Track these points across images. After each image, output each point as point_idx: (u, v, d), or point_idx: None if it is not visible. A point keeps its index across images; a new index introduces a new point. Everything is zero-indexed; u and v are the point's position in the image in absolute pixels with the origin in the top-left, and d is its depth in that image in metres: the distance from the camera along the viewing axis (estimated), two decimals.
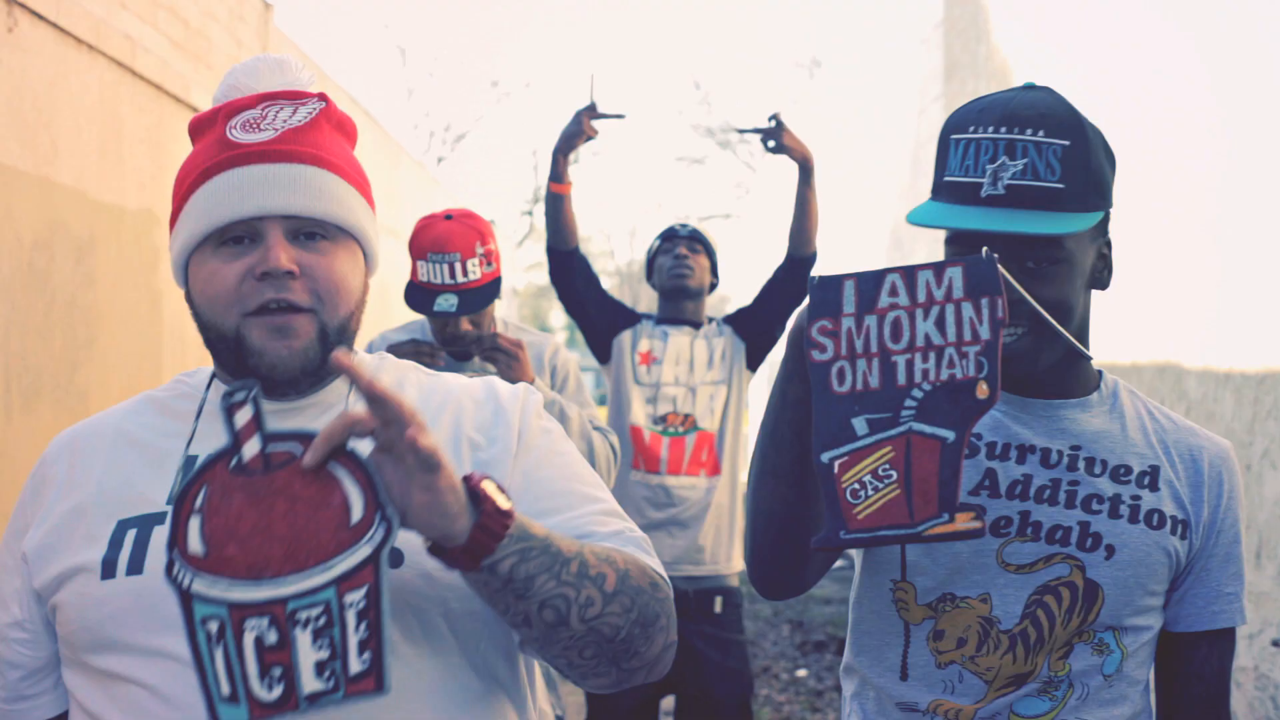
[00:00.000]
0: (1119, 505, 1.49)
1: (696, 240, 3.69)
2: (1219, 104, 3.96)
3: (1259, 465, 3.59)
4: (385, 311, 8.24)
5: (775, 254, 4.05)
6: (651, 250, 3.78)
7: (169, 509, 1.23)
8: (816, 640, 6.71)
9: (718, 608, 3.50)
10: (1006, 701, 1.47)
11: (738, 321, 3.72)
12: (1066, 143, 1.41)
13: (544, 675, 3.13)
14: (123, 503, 1.28)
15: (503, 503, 1.13)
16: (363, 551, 1.07)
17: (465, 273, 2.90)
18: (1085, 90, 5.20)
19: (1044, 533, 1.47)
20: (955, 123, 1.47)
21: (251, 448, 1.11)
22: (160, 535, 1.23)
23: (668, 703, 4.24)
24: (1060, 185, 1.40)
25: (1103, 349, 4.89)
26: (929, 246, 7.40)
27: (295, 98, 1.34)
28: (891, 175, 8.94)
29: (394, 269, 5.03)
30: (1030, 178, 1.39)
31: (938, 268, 1.26)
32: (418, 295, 2.93)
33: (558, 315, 36.74)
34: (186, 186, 1.33)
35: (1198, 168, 4.10)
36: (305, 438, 1.11)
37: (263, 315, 1.26)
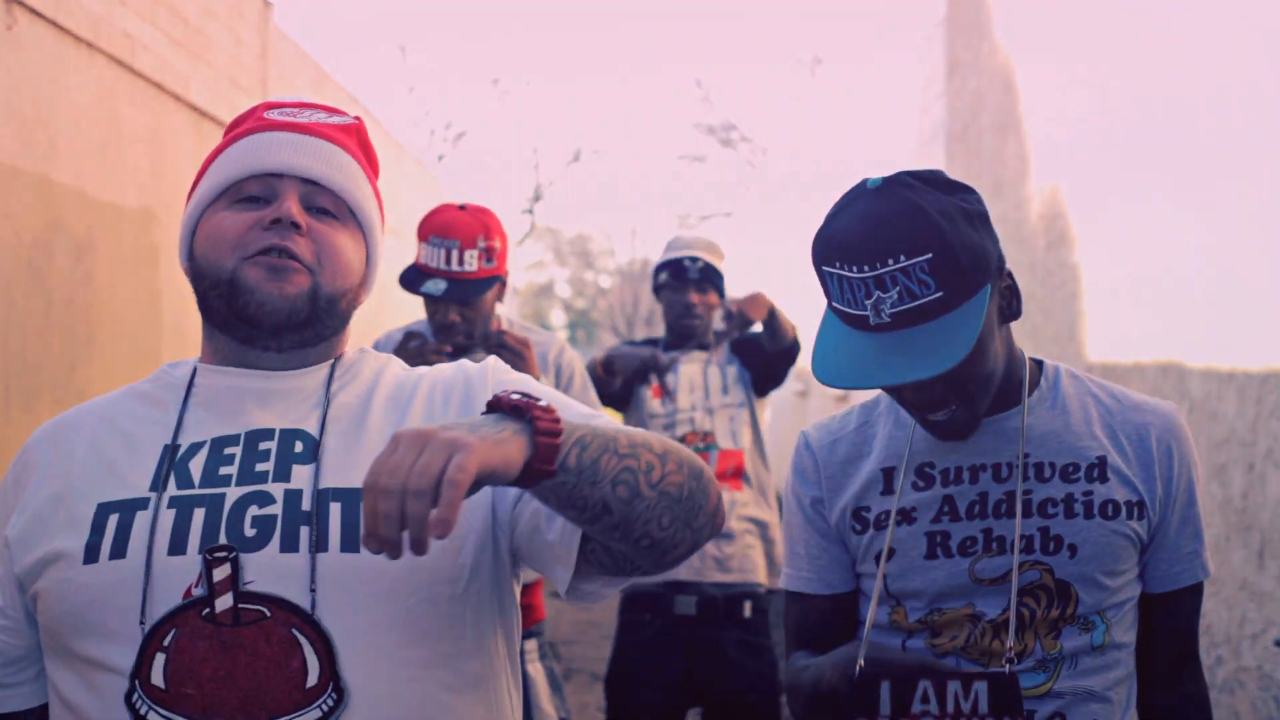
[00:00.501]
0: (1073, 504, 1.56)
1: (706, 280, 3.66)
2: (1219, 101, 3.95)
3: (1262, 465, 3.58)
4: (390, 312, 8.23)
5: (775, 253, 4.02)
6: (658, 280, 3.73)
7: (152, 495, 1.26)
8: None
9: (747, 612, 3.49)
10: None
11: (745, 353, 3.72)
12: (929, 256, 1.43)
13: (548, 677, 3.12)
14: (104, 486, 1.29)
15: (541, 401, 1.13)
16: (312, 715, 1.16)
17: (461, 262, 2.93)
18: (1086, 89, 5.19)
19: (1009, 544, 1.55)
20: (821, 254, 1.50)
21: (225, 602, 1.19)
22: (143, 519, 1.24)
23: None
24: (939, 295, 1.44)
25: (1104, 348, 4.88)
26: None
27: (333, 111, 1.42)
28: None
29: (396, 268, 5.02)
30: (908, 301, 1.43)
31: (965, 680, 1.42)
32: (411, 275, 2.98)
33: (558, 315, 36.76)
34: (212, 155, 1.38)
35: (1199, 166, 4.09)
36: (276, 602, 1.18)
37: (261, 257, 1.30)
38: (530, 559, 1.32)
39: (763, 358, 3.66)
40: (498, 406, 1.12)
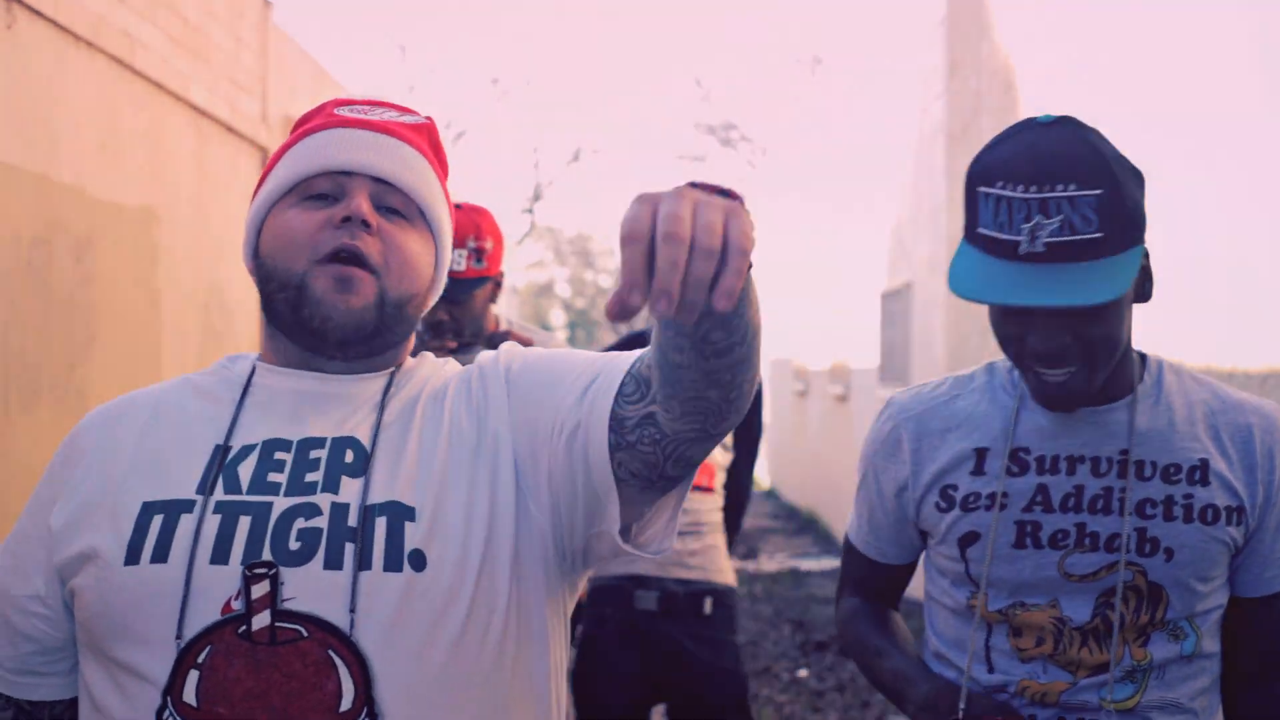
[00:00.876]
0: (1173, 507, 1.50)
1: None
2: (1221, 100, 3.95)
3: None
4: None
5: (775, 252, 4.03)
6: None
7: (198, 499, 1.23)
8: (818, 640, 6.71)
9: (707, 608, 3.49)
10: (1093, 683, 1.51)
11: None
12: (1099, 191, 1.39)
13: None
14: (151, 483, 1.25)
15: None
16: None
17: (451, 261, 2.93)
18: (1086, 88, 5.19)
19: (1102, 542, 1.50)
20: (980, 174, 1.44)
21: (262, 620, 1.16)
22: (188, 523, 1.21)
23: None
24: (1099, 235, 1.38)
25: None
26: (931, 245, 7.39)
27: (405, 111, 1.39)
28: (893, 173, 8.94)
29: None
30: (1067, 233, 1.37)
31: None
32: None
33: (558, 314, 36.77)
34: (281, 151, 1.35)
35: (1199, 166, 4.09)
36: (314, 622, 1.15)
37: (331, 264, 1.25)
38: (577, 515, 1.25)
39: None
40: (702, 188, 1.00)
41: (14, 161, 3.77)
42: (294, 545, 1.19)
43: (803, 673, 6.15)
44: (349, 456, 1.25)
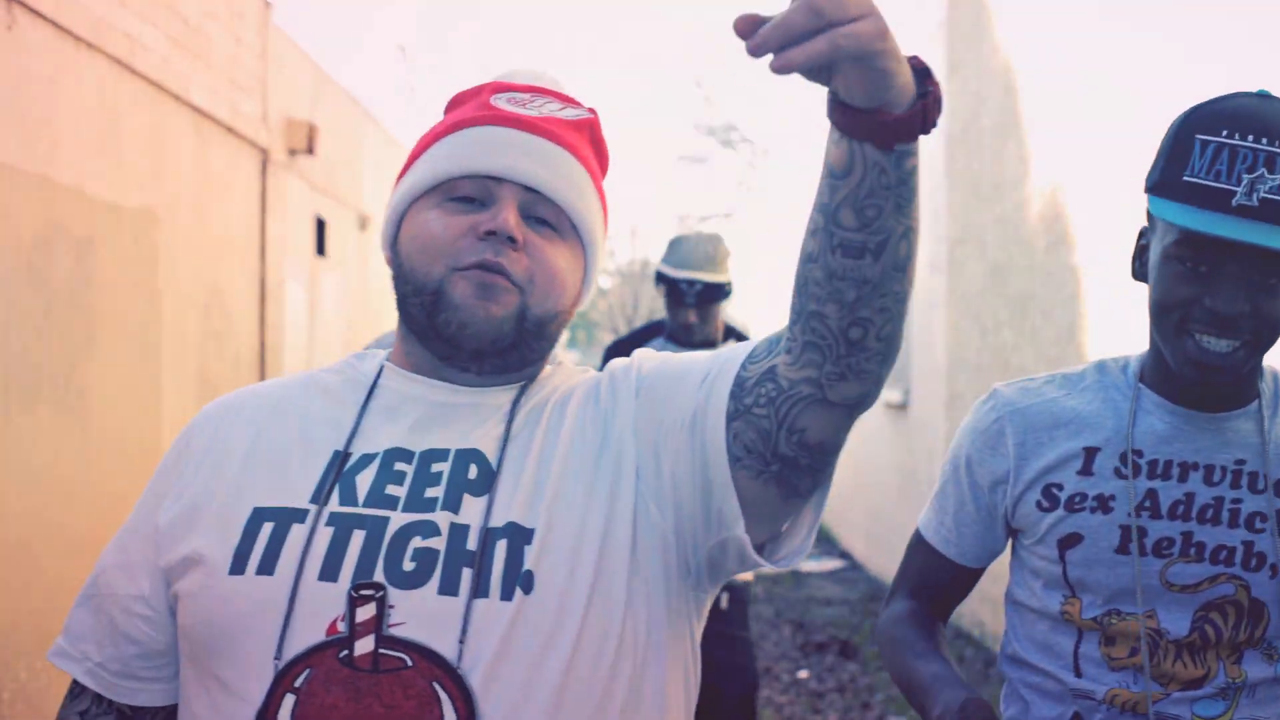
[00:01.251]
0: None
1: (705, 299, 3.68)
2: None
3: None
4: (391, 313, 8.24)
5: (775, 251, 4.03)
6: (657, 286, 3.77)
7: (311, 508, 1.16)
8: (818, 641, 6.70)
9: (724, 604, 3.50)
10: (1185, 698, 1.47)
11: None
12: None
13: None
14: (263, 488, 1.19)
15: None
16: None
17: None
18: (1086, 88, 5.19)
19: (1208, 553, 1.46)
20: (1202, 123, 1.42)
21: (365, 645, 1.09)
22: (298, 534, 1.14)
23: None
24: None
25: (1105, 350, 4.88)
26: (931, 246, 7.39)
27: (567, 100, 1.29)
28: None
29: None
30: None
31: None
32: None
33: None
34: (426, 141, 1.26)
35: None
36: (420, 651, 1.08)
37: (472, 271, 1.17)
38: (698, 516, 1.17)
39: None
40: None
41: (14, 161, 3.77)
42: (408, 566, 1.12)
43: (803, 674, 6.15)
44: (472, 472, 1.18)
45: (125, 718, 1.26)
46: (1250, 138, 1.38)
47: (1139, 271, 1.52)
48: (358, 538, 1.13)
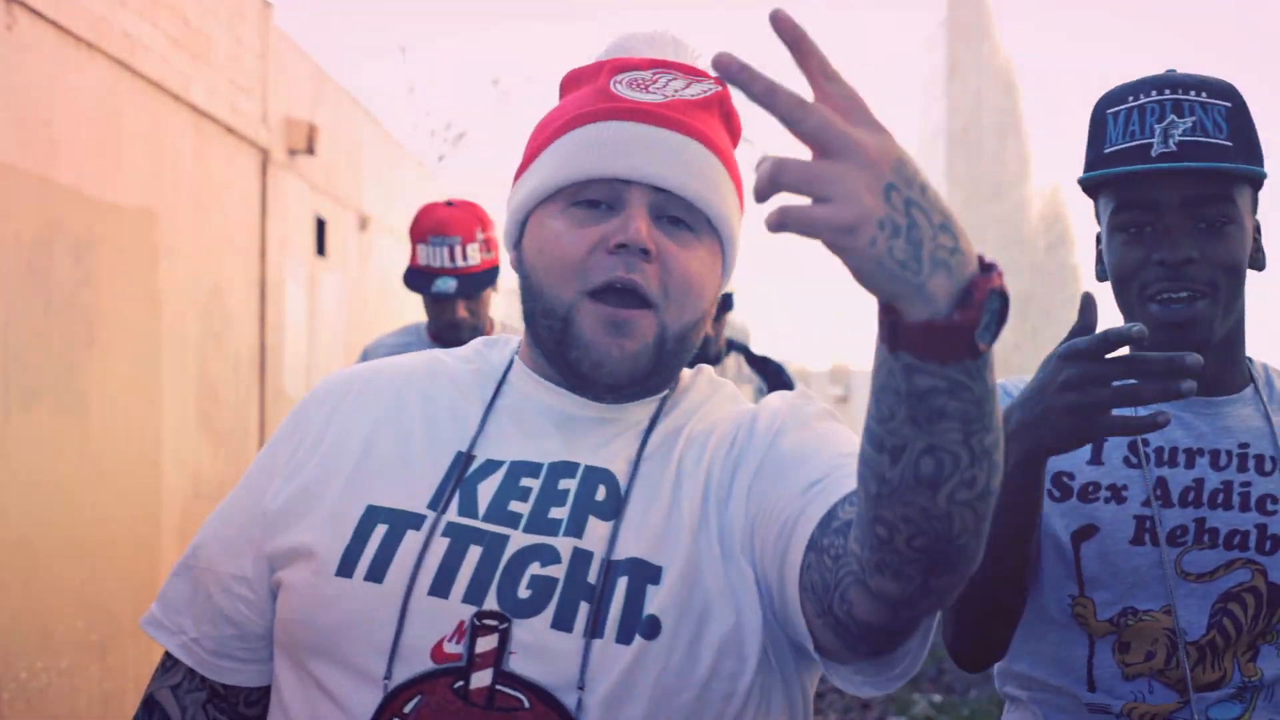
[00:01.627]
0: None
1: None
2: None
3: None
4: (394, 315, 8.24)
5: (774, 251, 4.04)
6: None
7: (428, 515, 1.10)
8: None
9: None
10: (1202, 702, 1.44)
11: (762, 368, 3.76)
12: (1228, 104, 1.44)
13: None
14: (380, 485, 1.12)
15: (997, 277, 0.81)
16: None
17: (465, 257, 2.95)
18: (1087, 88, 5.18)
19: (1221, 538, 1.44)
20: (1110, 99, 1.49)
21: (483, 678, 1.03)
22: (412, 543, 1.08)
23: None
24: (1230, 143, 1.42)
25: None
26: None
27: (691, 73, 1.18)
28: None
29: (398, 270, 5.02)
30: (1199, 134, 1.41)
31: None
32: (416, 278, 2.99)
33: None
34: (548, 134, 1.17)
35: None
36: (537, 692, 1.02)
37: (602, 302, 1.10)
38: (778, 615, 1.07)
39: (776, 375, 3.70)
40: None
41: (14, 163, 3.77)
42: (523, 593, 1.05)
43: None
44: (600, 493, 1.11)
45: (218, 695, 1.21)
46: (1154, 93, 1.44)
47: (1101, 273, 1.53)
48: (474, 554, 1.07)
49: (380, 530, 1.09)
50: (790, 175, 0.74)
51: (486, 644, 1.03)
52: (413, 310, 5.97)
